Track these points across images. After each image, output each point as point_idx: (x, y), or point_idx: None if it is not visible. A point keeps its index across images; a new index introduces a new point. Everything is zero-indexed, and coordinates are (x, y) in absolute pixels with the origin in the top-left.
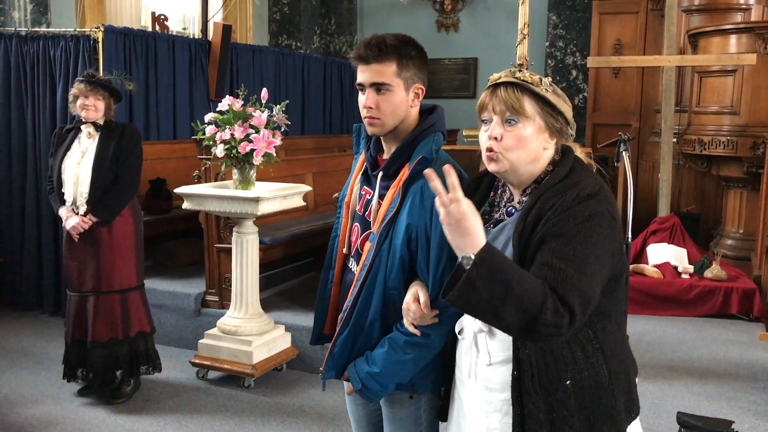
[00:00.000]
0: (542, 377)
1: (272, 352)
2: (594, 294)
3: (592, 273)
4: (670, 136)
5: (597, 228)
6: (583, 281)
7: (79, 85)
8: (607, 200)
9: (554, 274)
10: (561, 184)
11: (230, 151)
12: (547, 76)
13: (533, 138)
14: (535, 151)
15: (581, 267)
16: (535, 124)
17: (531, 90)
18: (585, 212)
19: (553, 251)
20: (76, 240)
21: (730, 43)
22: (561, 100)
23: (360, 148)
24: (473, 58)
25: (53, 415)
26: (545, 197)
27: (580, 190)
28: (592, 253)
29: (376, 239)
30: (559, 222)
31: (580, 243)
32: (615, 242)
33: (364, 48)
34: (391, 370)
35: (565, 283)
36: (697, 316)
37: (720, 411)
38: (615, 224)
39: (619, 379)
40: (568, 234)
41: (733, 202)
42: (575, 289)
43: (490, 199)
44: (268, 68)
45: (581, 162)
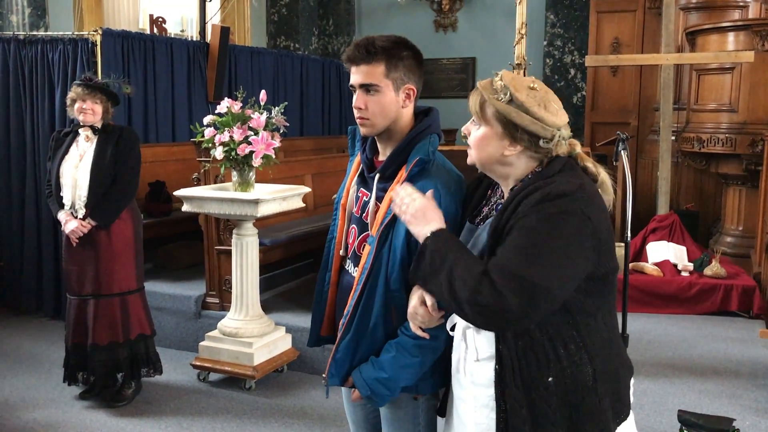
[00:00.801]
0: (524, 373)
1: (273, 353)
2: (545, 285)
3: (544, 265)
4: (669, 134)
5: (563, 224)
6: (526, 269)
7: (77, 88)
8: (584, 200)
9: (499, 259)
10: (538, 183)
11: (229, 153)
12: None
13: (489, 141)
14: (492, 154)
15: (533, 258)
16: (494, 129)
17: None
18: (552, 209)
19: (510, 241)
20: (75, 244)
21: (727, 40)
22: (519, 111)
23: (355, 150)
24: (471, 58)
25: (54, 419)
26: (523, 194)
27: (552, 188)
28: (549, 247)
29: (376, 242)
30: (526, 216)
31: (536, 236)
32: (587, 241)
33: (353, 49)
34: (400, 374)
35: (499, 266)
36: (697, 313)
37: (721, 408)
38: (589, 224)
39: (605, 380)
40: (528, 227)
41: (732, 199)
42: (510, 274)
43: (487, 197)
44: (266, 70)
45: (572, 167)
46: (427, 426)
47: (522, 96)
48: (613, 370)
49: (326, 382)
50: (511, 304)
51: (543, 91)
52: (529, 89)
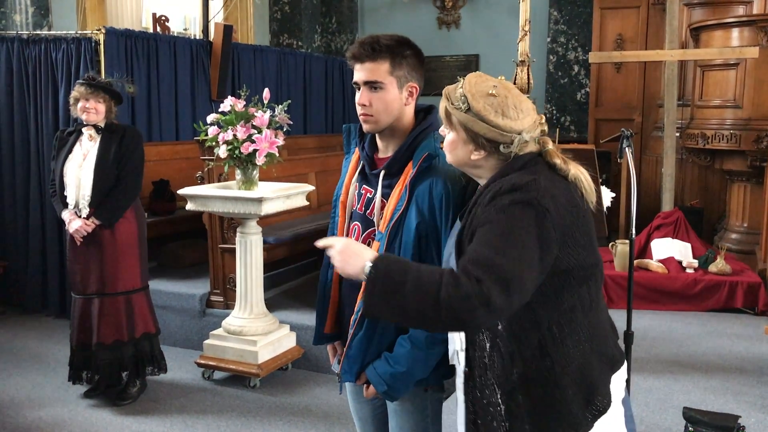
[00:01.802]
0: (491, 372)
1: (277, 351)
2: (514, 275)
3: (511, 256)
4: (673, 131)
5: (518, 214)
6: (496, 259)
7: (80, 88)
8: (537, 192)
9: (469, 254)
10: (494, 183)
11: (233, 152)
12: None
13: (456, 146)
14: (461, 157)
15: (501, 249)
16: (459, 135)
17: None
18: (506, 200)
19: (476, 238)
20: (79, 243)
21: (732, 36)
22: (476, 120)
23: (351, 148)
24: (474, 55)
25: (60, 418)
26: (482, 196)
27: (504, 183)
28: (512, 237)
29: (386, 238)
30: (482, 214)
31: (498, 228)
32: (548, 232)
33: (358, 47)
34: (416, 367)
35: (472, 260)
36: (702, 310)
37: (726, 405)
38: (547, 214)
39: (569, 371)
40: (490, 221)
41: (737, 195)
42: (484, 264)
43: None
44: (269, 68)
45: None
46: (435, 417)
47: (479, 105)
48: (584, 364)
49: (340, 379)
50: (493, 293)
51: (502, 97)
52: (487, 96)
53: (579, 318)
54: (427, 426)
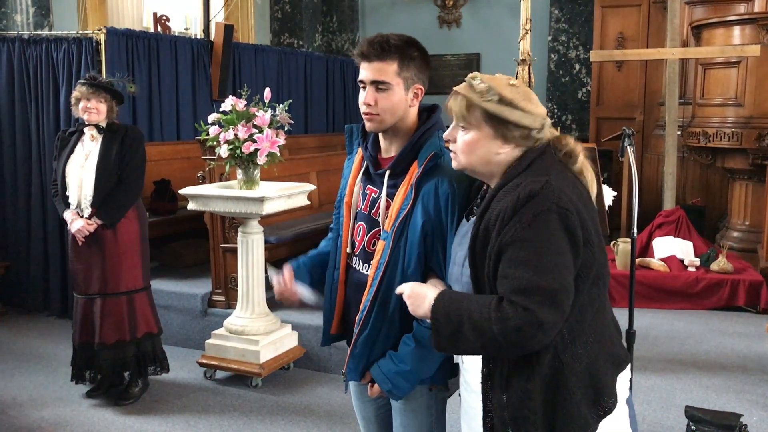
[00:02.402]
0: (509, 377)
1: (279, 351)
2: (559, 284)
3: (549, 268)
4: (675, 129)
5: (545, 224)
6: (537, 279)
7: (81, 88)
8: (553, 194)
9: (508, 282)
10: (510, 184)
11: (234, 151)
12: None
13: (480, 144)
14: (483, 156)
15: (538, 268)
16: (482, 132)
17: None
18: (529, 214)
19: (507, 262)
20: (81, 243)
21: (733, 34)
22: (510, 108)
23: (354, 149)
24: (476, 54)
25: (62, 417)
26: (495, 201)
27: (520, 191)
28: (547, 249)
29: (392, 237)
30: (508, 231)
31: (529, 245)
32: (570, 236)
33: (367, 46)
34: (421, 366)
35: (516, 290)
36: (704, 309)
37: (728, 404)
38: (569, 215)
39: (576, 373)
40: (520, 239)
41: (738, 194)
42: (527, 291)
43: (482, 193)
44: (270, 67)
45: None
46: (439, 415)
47: (509, 93)
48: (590, 365)
49: (345, 378)
50: (541, 316)
51: (522, 87)
52: (509, 86)
53: (588, 318)
54: (431, 425)
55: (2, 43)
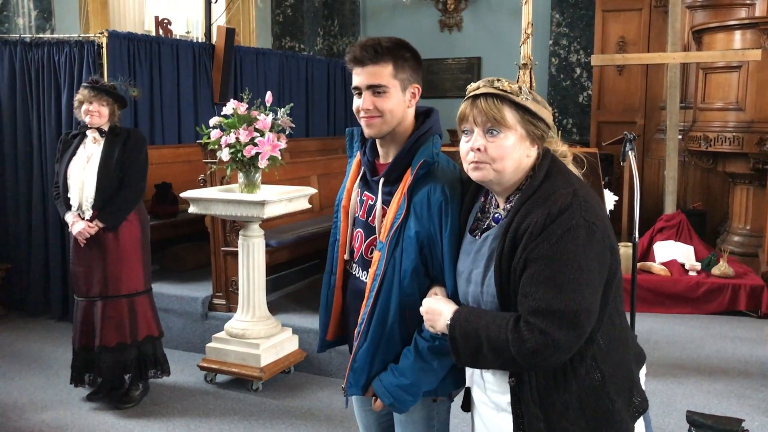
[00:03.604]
0: (541, 389)
1: (280, 354)
2: (581, 306)
3: (573, 287)
4: (676, 133)
5: (574, 241)
6: (563, 301)
7: (84, 91)
8: (581, 208)
9: (527, 302)
10: (535, 196)
11: (235, 155)
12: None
13: (516, 147)
14: (518, 159)
15: (561, 287)
16: (517, 133)
17: (511, 100)
18: (558, 230)
19: (530, 279)
20: (82, 245)
21: (734, 39)
22: (541, 106)
23: (354, 152)
24: (476, 58)
25: (62, 421)
26: (521, 214)
27: (551, 205)
28: (573, 269)
29: (386, 248)
30: (536, 247)
31: (555, 263)
32: (599, 245)
33: (359, 50)
34: (422, 378)
35: (534, 311)
36: (705, 313)
37: (730, 409)
38: (595, 229)
39: (615, 380)
40: (545, 257)
41: (739, 198)
42: (545, 312)
43: (481, 205)
44: (271, 71)
45: (557, 163)
46: (441, 427)
47: (534, 94)
48: (623, 367)
49: (345, 393)
50: (558, 338)
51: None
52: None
53: (617, 324)
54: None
55: (4, 46)
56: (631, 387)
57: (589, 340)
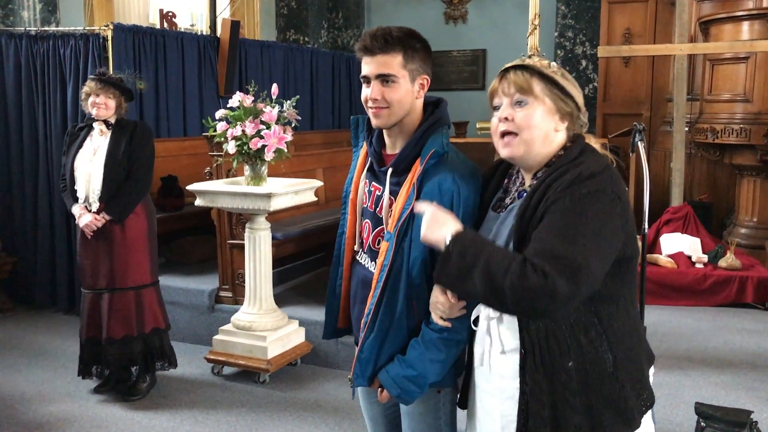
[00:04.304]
0: (545, 359)
1: (287, 347)
2: (585, 264)
3: (583, 244)
4: (683, 125)
5: (595, 204)
6: (566, 249)
7: (91, 83)
8: (611, 180)
9: (536, 244)
10: (568, 164)
11: (241, 148)
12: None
13: (543, 118)
14: (546, 131)
15: (568, 237)
16: (545, 105)
17: (540, 72)
18: (584, 189)
19: (544, 227)
20: (89, 238)
21: (742, 29)
22: (570, 84)
23: (359, 141)
24: (482, 50)
25: (70, 413)
26: (551, 178)
27: (583, 169)
28: (585, 226)
29: (395, 238)
30: (558, 199)
31: (572, 216)
32: (618, 220)
33: (369, 39)
34: (429, 369)
35: (540, 252)
36: (712, 305)
37: (738, 401)
38: (618, 203)
39: (625, 366)
40: (563, 209)
41: (746, 190)
42: (552, 255)
43: (504, 186)
44: (276, 63)
45: (592, 148)
46: (448, 418)
47: (564, 71)
48: (634, 358)
49: (352, 384)
50: (558, 285)
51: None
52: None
53: (630, 311)
54: (440, 427)
55: (9, 40)
56: (641, 378)
57: (600, 319)
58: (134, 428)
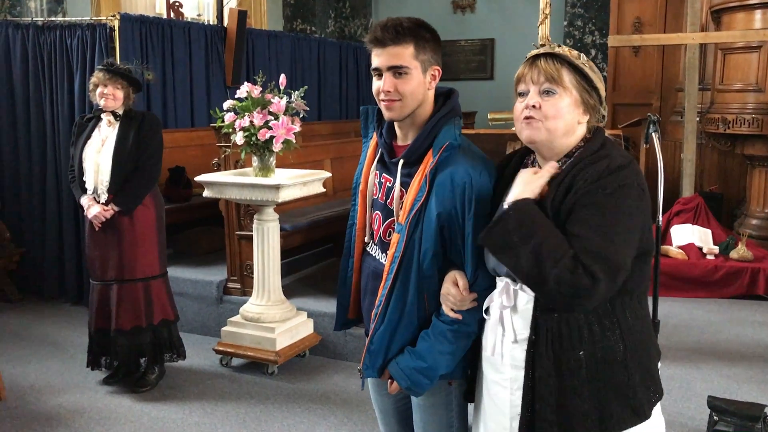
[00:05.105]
0: (556, 345)
1: (295, 338)
2: (623, 262)
3: (621, 242)
4: (694, 116)
5: (626, 198)
6: (610, 249)
7: (98, 73)
8: (637, 173)
9: (580, 243)
10: (593, 156)
11: (250, 139)
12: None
13: (569, 110)
14: (570, 123)
15: (609, 236)
16: (572, 96)
17: (570, 62)
18: (615, 183)
19: (581, 221)
20: (98, 229)
21: (754, 18)
22: (597, 77)
23: (369, 132)
24: (490, 39)
25: (79, 404)
26: (577, 168)
27: (611, 161)
28: (621, 223)
29: (406, 230)
30: (588, 192)
31: (608, 213)
32: (644, 214)
33: (380, 30)
34: (439, 361)
35: (589, 251)
36: (723, 297)
37: (750, 394)
38: (644, 196)
39: (636, 356)
40: (597, 204)
41: (758, 181)
42: (600, 257)
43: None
44: (283, 53)
45: (612, 141)
46: (460, 411)
47: (591, 64)
48: (645, 349)
49: (362, 375)
50: (601, 287)
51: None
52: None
53: (643, 302)
54: (451, 420)
55: (16, 30)
56: (651, 369)
57: (613, 308)
58: (143, 420)
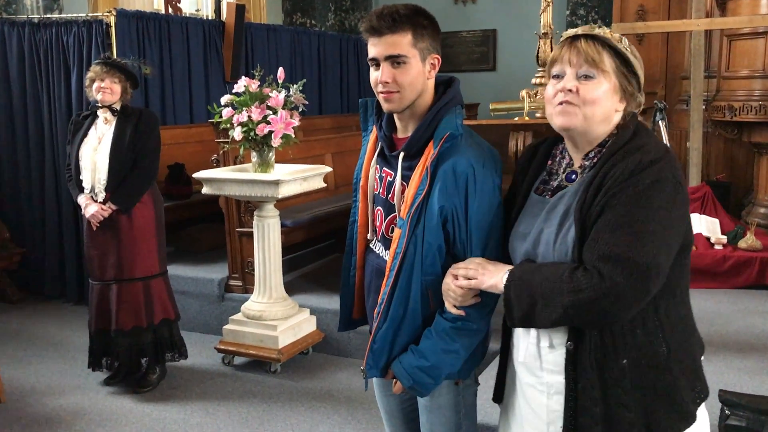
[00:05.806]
0: (599, 354)
1: (298, 336)
2: (654, 262)
3: (650, 241)
4: (700, 103)
5: (659, 194)
6: (635, 250)
7: (95, 67)
8: (672, 165)
9: (597, 247)
10: (625, 148)
11: (248, 134)
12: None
13: (608, 96)
14: (608, 110)
15: (639, 236)
16: (611, 82)
17: (611, 46)
18: (647, 179)
19: (608, 223)
20: (96, 228)
21: (760, 3)
22: (639, 63)
23: (369, 125)
24: (492, 30)
25: (80, 405)
26: (609, 164)
27: (644, 154)
28: (654, 220)
29: (407, 225)
30: (619, 192)
31: (639, 211)
32: (681, 208)
33: (376, 19)
34: (443, 360)
35: (605, 257)
36: (732, 287)
37: (762, 387)
38: (681, 189)
39: (680, 358)
40: (628, 203)
41: (765, 169)
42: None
43: (548, 168)
44: (283, 47)
45: (645, 128)
46: (468, 412)
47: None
48: (688, 348)
49: (365, 374)
50: (624, 289)
51: None
52: None
53: (685, 299)
54: (459, 421)
55: (12, 28)
56: (695, 369)
57: (657, 310)
58: (145, 420)
